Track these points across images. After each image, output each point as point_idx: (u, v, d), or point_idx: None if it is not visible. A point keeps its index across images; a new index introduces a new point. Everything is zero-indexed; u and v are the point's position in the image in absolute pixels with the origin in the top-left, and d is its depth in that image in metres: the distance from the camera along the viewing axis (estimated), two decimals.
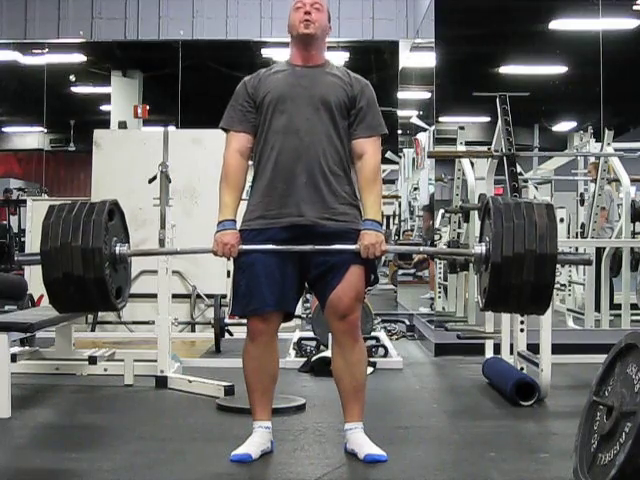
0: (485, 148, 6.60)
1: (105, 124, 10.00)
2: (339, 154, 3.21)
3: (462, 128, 7.33)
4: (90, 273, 2.99)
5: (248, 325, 3.24)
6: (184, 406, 4.38)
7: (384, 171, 13.47)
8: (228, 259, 3.21)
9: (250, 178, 3.30)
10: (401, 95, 10.13)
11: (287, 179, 3.16)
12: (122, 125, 8.81)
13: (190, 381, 4.69)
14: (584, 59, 8.18)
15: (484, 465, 3.22)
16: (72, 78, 10.93)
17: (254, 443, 3.24)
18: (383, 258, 12.42)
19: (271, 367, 3.28)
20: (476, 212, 6.36)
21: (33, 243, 7.33)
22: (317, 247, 3.14)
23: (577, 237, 8.15)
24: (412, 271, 10.62)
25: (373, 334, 5.96)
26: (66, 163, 12.04)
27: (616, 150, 7.00)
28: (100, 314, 6.93)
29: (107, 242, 3.05)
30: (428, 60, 7.66)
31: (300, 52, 3.28)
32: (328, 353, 5.27)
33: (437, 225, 8.46)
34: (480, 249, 3.10)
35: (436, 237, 8.25)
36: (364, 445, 3.22)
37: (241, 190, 3.23)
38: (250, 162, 3.31)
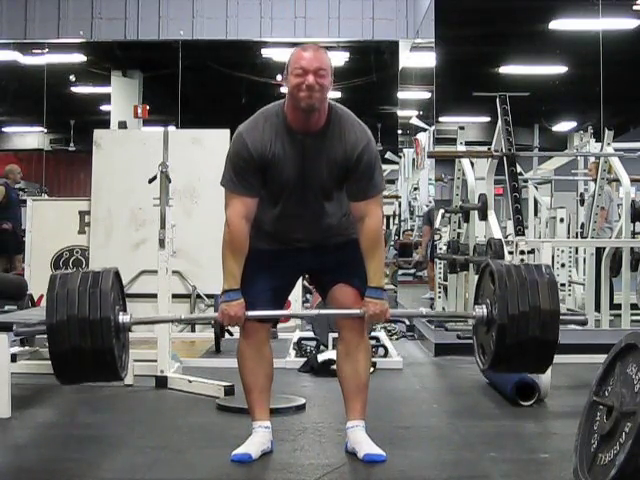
0: (485, 148, 6.61)
1: (105, 124, 10.01)
2: (339, 212, 3.22)
3: (462, 128, 7.33)
4: (99, 344, 2.96)
5: (242, 325, 3.24)
6: (184, 406, 4.38)
7: (384, 171, 13.49)
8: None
9: None
10: (401, 95, 10.14)
11: (287, 238, 3.24)
12: (122, 125, 8.82)
13: (190, 381, 4.69)
14: (584, 59, 8.19)
15: (484, 465, 3.22)
16: (72, 78, 10.94)
17: (254, 443, 3.24)
18: None
19: (266, 366, 3.29)
20: (476, 212, 6.37)
21: (33, 243, 7.33)
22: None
23: (577, 237, 8.15)
24: (412, 271, 10.63)
25: (373, 334, 5.94)
26: (66, 163, 12.05)
27: (616, 150, 7.00)
28: None
29: (112, 311, 3.04)
30: (428, 60, 7.66)
31: (300, 117, 3.06)
32: (330, 354, 5.28)
33: (437, 225, 8.47)
34: (481, 311, 3.14)
35: (436, 237, 8.26)
36: (364, 444, 3.22)
37: (245, 255, 3.14)
38: None
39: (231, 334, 6.21)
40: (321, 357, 5.34)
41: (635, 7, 8.19)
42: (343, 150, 3.09)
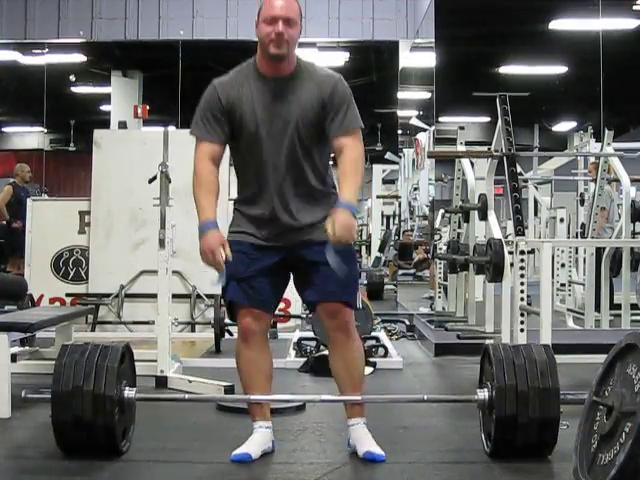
0: (485, 148, 6.60)
1: (105, 124, 10.01)
2: (319, 173, 3.20)
3: (462, 128, 7.31)
4: (100, 419, 3.05)
5: (239, 327, 3.25)
6: (184, 406, 4.38)
7: (384, 171, 13.48)
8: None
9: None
10: (401, 95, 10.14)
11: (269, 207, 3.18)
12: (122, 125, 8.81)
13: (190, 381, 4.69)
14: (584, 59, 8.19)
15: (484, 465, 3.22)
16: (72, 78, 10.95)
17: (255, 443, 3.24)
18: (383, 258, 12.42)
19: (265, 366, 3.29)
20: (476, 212, 6.36)
21: (33, 243, 7.33)
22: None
23: (577, 237, 8.15)
24: (412, 271, 10.63)
25: (373, 334, 5.96)
26: (66, 163, 12.04)
27: (616, 150, 6.99)
28: (100, 314, 6.94)
29: (117, 387, 3.11)
30: (428, 60, 7.66)
31: (270, 65, 3.15)
32: (327, 352, 5.28)
33: (437, 225, 8.46)
34: (483, 395, 3.21)
35: (436, 237, 8.25)
36: (365, 441, 3.23)
37: (216, 194, 3.17)
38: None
39: (231, 334, 6.22)
40: (317, 355, 5.35)
41: (635, 7, 8.18)
42: (316, 87, 3.14)
